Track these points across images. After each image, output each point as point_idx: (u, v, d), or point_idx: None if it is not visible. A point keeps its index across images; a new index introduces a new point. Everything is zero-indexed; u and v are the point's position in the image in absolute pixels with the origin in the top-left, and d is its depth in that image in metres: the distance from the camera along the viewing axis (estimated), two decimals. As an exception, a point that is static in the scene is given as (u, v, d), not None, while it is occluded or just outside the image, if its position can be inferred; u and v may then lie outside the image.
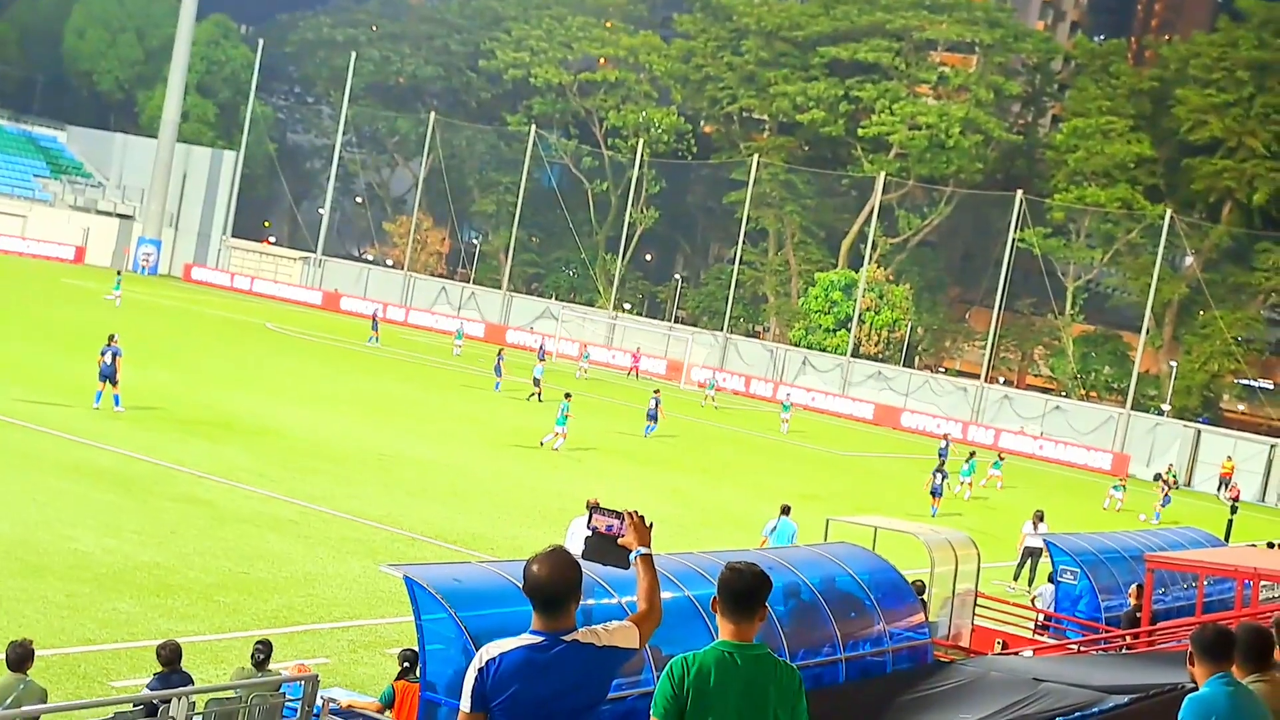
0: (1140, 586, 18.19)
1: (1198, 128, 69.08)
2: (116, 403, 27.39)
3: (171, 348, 41.98)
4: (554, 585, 4.82)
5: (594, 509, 5.29)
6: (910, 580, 15.40)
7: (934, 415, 63.13)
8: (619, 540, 5.21)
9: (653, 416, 40.27)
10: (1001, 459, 45.11)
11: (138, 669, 12.56)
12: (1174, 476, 57.69)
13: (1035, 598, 20.89)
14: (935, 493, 32.42)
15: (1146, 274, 66.04)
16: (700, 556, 13.06)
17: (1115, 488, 42.63)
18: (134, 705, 9.67)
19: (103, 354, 27.63)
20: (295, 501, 21.91)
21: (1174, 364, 67.64)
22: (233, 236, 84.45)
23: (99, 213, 79.45)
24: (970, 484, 37.22)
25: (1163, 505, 41.41)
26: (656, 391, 43.20)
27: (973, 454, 39.49)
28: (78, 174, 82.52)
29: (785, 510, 20.63)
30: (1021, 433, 61.71)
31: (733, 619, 5.09)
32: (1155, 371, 71.40)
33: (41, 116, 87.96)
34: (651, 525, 5.27)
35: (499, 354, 48.41)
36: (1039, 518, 25.69)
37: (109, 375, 27.45)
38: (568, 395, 35.23)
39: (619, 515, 5.23)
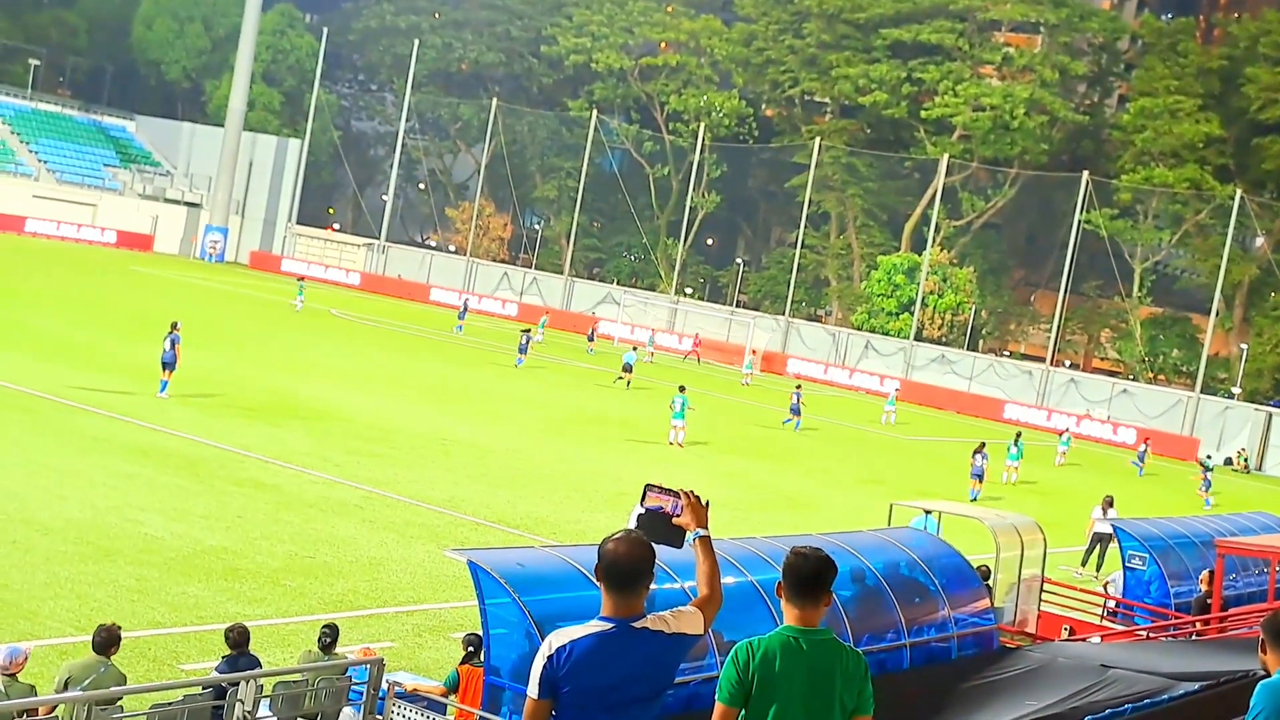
0: (1211, 572, 17.90)
1: (1268, 106, 67.65)
2: (162, 388, 27.60)
3: (235, 334, 42.55)
4: (631, 563, 4.77)
5: (649, 488, 5.19)
6: (975, 565, 15.25)
7: (999, 397, 62.57)
8: (674, 520, 5.11)
9: (796, 410, 41.18)
10: (1066, 434, 44.81)
11: (206, 652, 12.74)
12: (1245, 460, 56.82)
13: (1108, 584, 20.60)
14: (977, 475, 32.01)
15: (1216, 255, 64.85)
16: (762, 541, 13.01)
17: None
18: (203, 688, 9.80)
19: (165, 341, 28.04)
20: (359, 486, 22.12)
21: (1244, 346, 66.37)
22: (298, 224, 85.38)
23: (167, 201, 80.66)
24: (1017, 468, 36.20)
25: (1205, 490, 40.08)
26: (799, 386, 44.23)
27: (1019, 435, 37.97)
28: (146, 163, 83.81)
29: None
30: (1088, 416, 60.94)
31: (797, 604, 5.05)
32: (1225, 354, 70.10)
33: (111, 106, 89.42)
34: (708, 505, 5.19)
35: (525, 332, 48.77)
36: (1109, 503, 25.34)
37: (170, 363, 27.85)
38: (682, 388, 34.73)
39: (675, 494, 5.14)
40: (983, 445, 32.98)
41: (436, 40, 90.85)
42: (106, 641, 9.82)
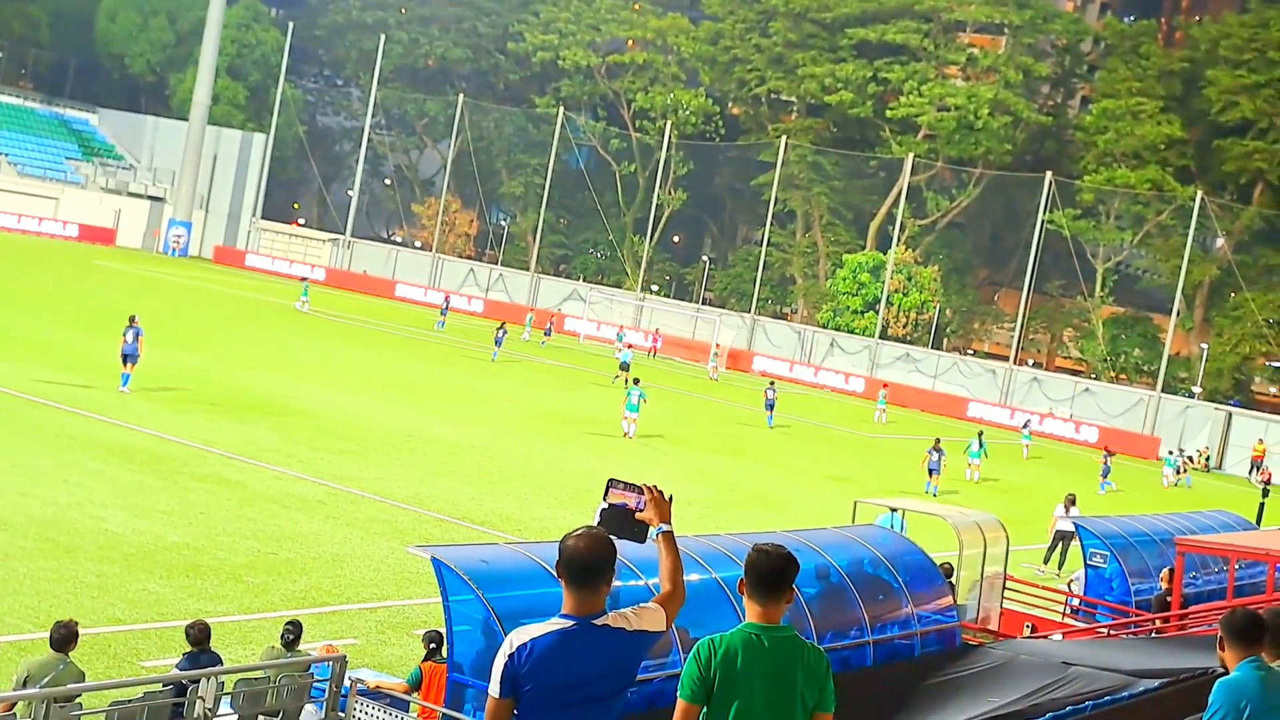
0: (1171, 570, 18.06)
1: (1229, 109, 68.39)
2: (124, 382, 27.43)
3: (200, 329, 42.23)
4: (591, 560, 4.75)
5: (612, 483, 5.17)
6: (939, 563, 15.34)
7: (964, 397, 62.98)
8: (637, 515, 5.09)
9: (771, 406, 41.82)
10: (1026, 428, 45.62)
11: (167, 649, 12.65)
12: (1205, 459, 57.42)
13: (1072, 583, 20.75)
14: (932, 469, 32.55)
15: (1177, 256, 65.51)
16: (726, 538, 13.04)
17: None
18: (163, 685, 9.73)
19: (125, 334, 27.86)
20: (323, 482, 22.01)
21: (1205, 346, 67.07)
22: (262, 218, 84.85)
23: (130, 195, 79.96)
24: (979, 465, 36.71)
25: (1178, 475, 41.18)
26: (772, 383, 45.14)
27: (981, 434, 38.38)
28: (109, 156, 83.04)
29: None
30: (1051, 414, 61.42)
31: (760, 601, 5.06)
32: (1186, 354, 70.82)
33: (73, 99, 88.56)
34: (671, 499, 5.17)
35: (500, 327, 50.44)
36: (1071, 501, 25.54)
37: (132, 355, 27.64)
38: (636, 380, 35.46)
39: (638, 489, 5.12)
40: (938, 441, 33.36)
41: (403, 36, 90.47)
42: (65, 638, 9.74)
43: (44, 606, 13.38)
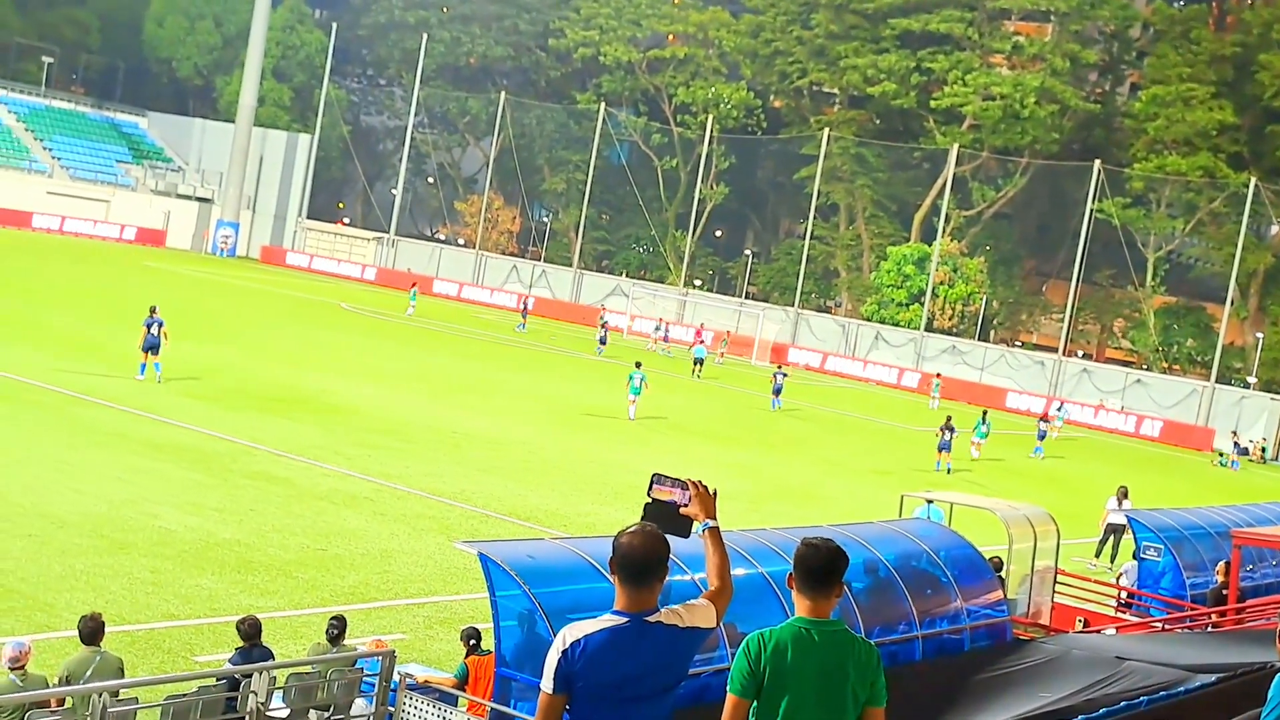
0: (1227, 563, 17.80)
1: (1282, 93, 67.36)
2: (156, 370, 28.17)
3: (247, 327, 42.62)
4: (645, 556, 4.74)
5: (656, 478, 5.12)
6: (988, 557, 15.19)
7: (1015, 389, 62.48)
8: (681, 509, 5.04)
9: (778, 390, 42.94)
10: (1049, 418, 47.11)
11: (220, 644, 12.77)
12: (1262, 450, 56.62)
13: (1120, 575, 20.53)
14: (943, 448, 34.16)
15: (1230, 243, 64.60)
16: (773, 533, 12.98)
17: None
18: (217, 679, 9.82)
19: (147, 326, 28.48)
20: (370, 479, 22.14)
21: (1260, 335, 66.11)
22: (308, 218, 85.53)
23: (179, 196, 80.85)
24: (982, 444, 38.20)
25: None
26: (780, 367, 47.35)
27: (985, 413, 39.99)
28: (158, 159, 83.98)
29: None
30: (1101, 406, 60.83)
31: (809, 595, 5.02)
32: (1240, 343, 69.83)
33: (123, 103, 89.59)
34: (715, 494, 5.14)
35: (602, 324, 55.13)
36: (1123, 494, 25.25)
37: (153, 346, 28.26)
38: (638, 364, 36.52)
39: (682, 484, 5.07)
40: (949, 419, 35.23)
41: (444, 35, 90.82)
42: (94, 630, 9.81)
43: (100, 602, 13.54)
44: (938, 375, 58.63)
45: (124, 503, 17.92)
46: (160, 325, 28.36)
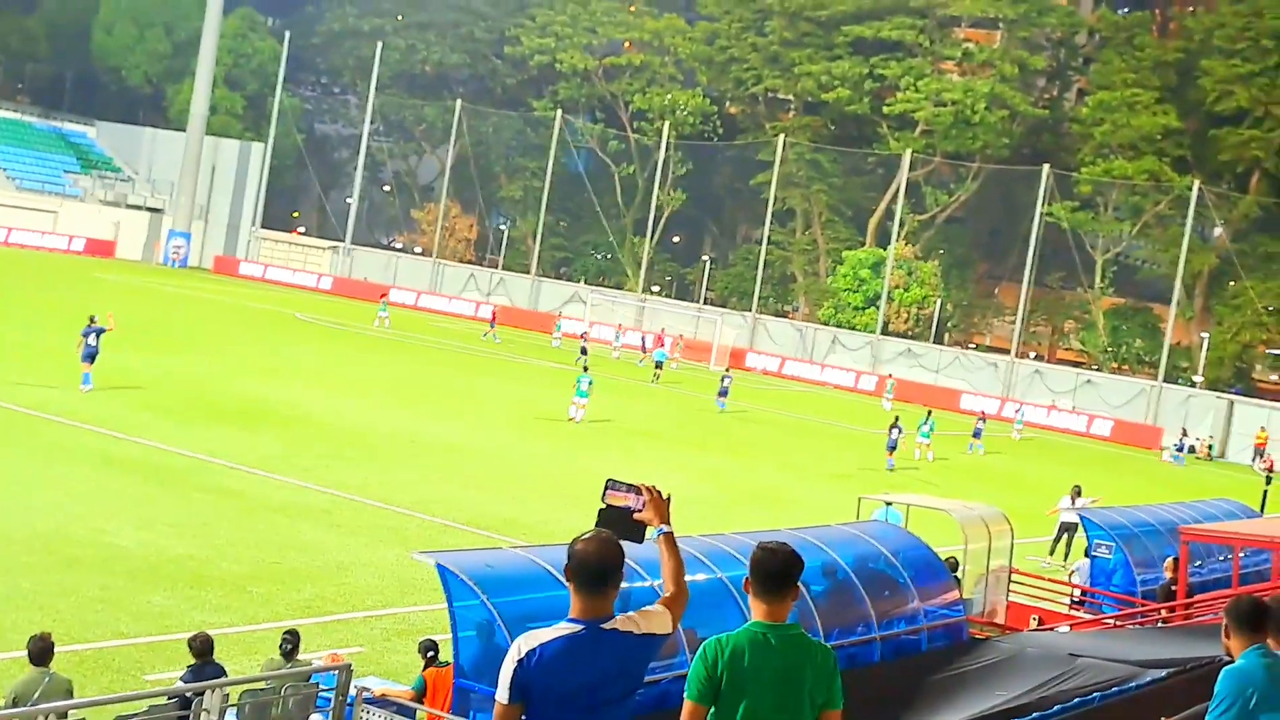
0: (1176, 559, 18.04)
1: (1224, 98, 68.43)
2: (85, 381, 27.89)
3: (200, 338, 42.23)
4: (600, 563, 4.73)
5: (610, 483, 5.10)
6: (944, 558, 15.31)
7: (968, 391, 62.95)
8: (636, 515, 5.01)
9: (724, 393, 43.55)
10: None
11: (171, 662, 12.62)
12: (1209, 448, 57.38)
13: (1073, 573, 20.75)
14: (890, 447, 35.25)
15: (1176, 246, 65.50)
16: (731, 537, 13.02)
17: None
18: (168, 698, 9.71)
19: (85, 335, 28.34)
20: (326, 490, 22.00)
21: (1205, 335, 67.04)
22: (262, 227, 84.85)
23: (129, 207, 79.97)
24: (928, 445, 38.80)
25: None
26: (728, 369, 48.97)
27: (929, 413, 40.84)
28: (107, 169, 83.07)
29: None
30: (1053, 407, 61.47)
31: (765, 599, 5.04)
32: (1187, 343, 70.77)
33: (71, 112, 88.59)
34: (669, 499, 5.12)
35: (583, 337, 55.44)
36: (1076, 492, 25.56)
37: (92, 356, 28.16)
38: (586, 368, 37.30)
39: (636, 490, 5.04)
40: (896, 419, 36.62)
41: (400, 42, 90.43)
42: (43, 650, 9.67)
43: (48, 622, 13.35)
44: (890, 376, 59.28)
45: (74, 519, 17.69)
46: (99, 334, 28.23)
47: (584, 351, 51.93)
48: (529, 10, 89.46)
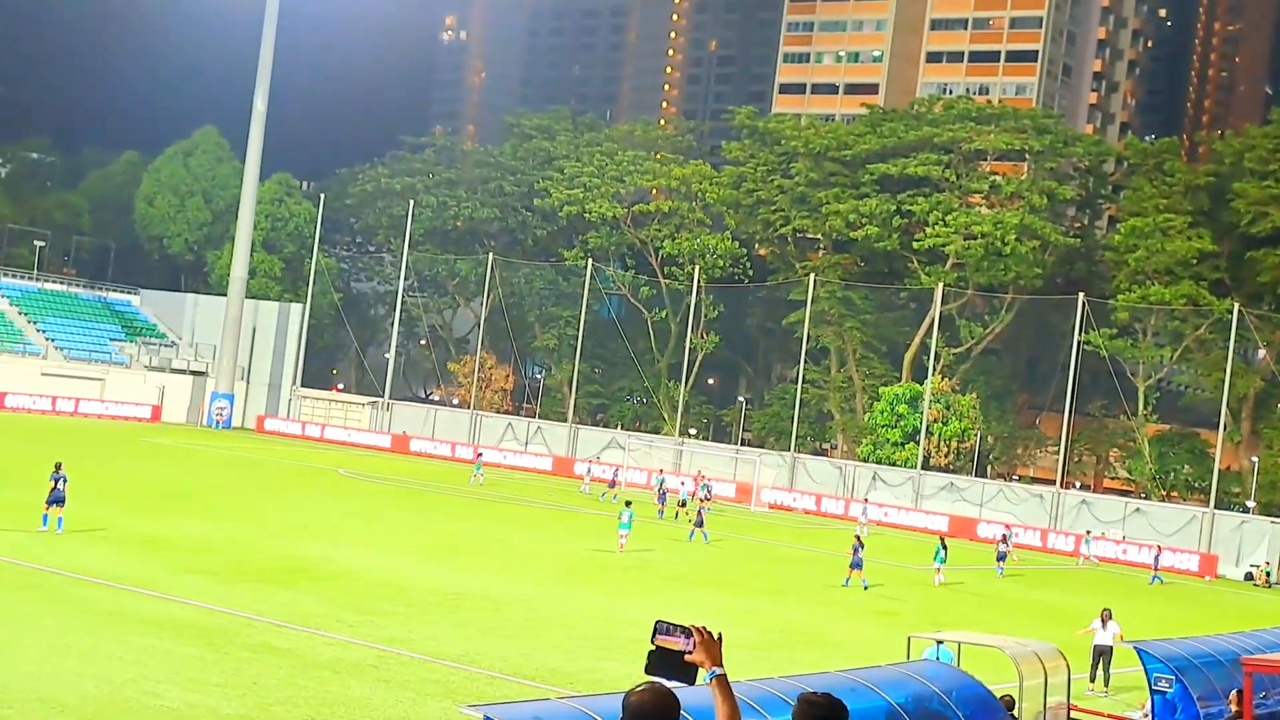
0: (1240, 692, 17.59)
1: (1259, 220, 68.76)
2: (44, 523, 29.49)
3: (244, 499, 42.52)
4: (656, 714, 4.73)
5: (659, 626, 5.06)
6: (999, 695, 15.04)
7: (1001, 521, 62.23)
8: (686, 657, 4.97)
9: (699, 524, 43.90)
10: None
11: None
12: (1266, 573, 56.18)
13: (1145, 716, 20.21)
14: (856, 565, 36.02)
15: (1219, 369, 65.14)
16: (780, 681, 12.87)
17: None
18: None
19: (54, 480, 29.79)
20: (372, 645, 21.91)
21: (1255, 459, 66.19)
22: (302, 386, 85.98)
23: (173, 371, 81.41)
24: (940, 569, 39.39)
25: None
26: (708, 494, 50.13)
27: (943, 539, 41.42)
28: (151, 335, 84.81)
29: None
30: (1103, 537, 60.46)
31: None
32: (1236, 468, 69.88)
33: (115, 282, 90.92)
34: (720, 638, 5.12)
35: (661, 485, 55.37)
36: (1107, 616, 25.17)
37: (59, 500, 29.62)
38: (628, 503, 38.97)
39: (686, 631, 5.02)
40: (858, 538, 37.93)
41: (431, 200, 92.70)
42: None
43: (99, 787, 13.31)
44: (866, 500, 59.17)
45: (126, 683, 17.69)
46: (64, 481, 29.75)
47: (612, 485, 52.57)
48: (556, 163, 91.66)
